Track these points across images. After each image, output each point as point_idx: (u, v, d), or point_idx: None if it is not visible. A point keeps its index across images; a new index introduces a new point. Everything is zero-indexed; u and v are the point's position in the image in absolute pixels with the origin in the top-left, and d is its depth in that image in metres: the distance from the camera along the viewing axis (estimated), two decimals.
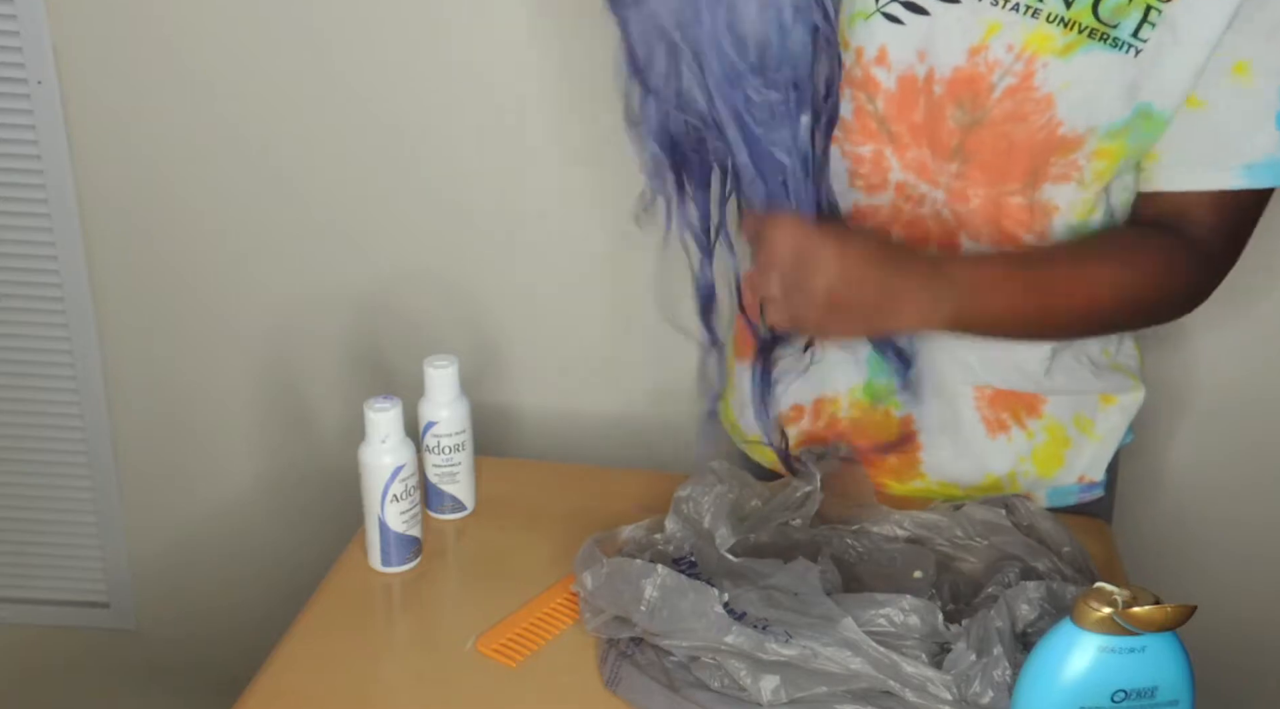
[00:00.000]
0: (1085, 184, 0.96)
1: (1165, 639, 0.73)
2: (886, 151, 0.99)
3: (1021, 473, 1.09)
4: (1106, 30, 0.90)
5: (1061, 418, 1.08)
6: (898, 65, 0.95)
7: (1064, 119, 0.93)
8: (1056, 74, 0.91)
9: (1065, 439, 1.09)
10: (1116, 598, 0.71)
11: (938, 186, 0.99)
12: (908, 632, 0.86)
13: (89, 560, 1.72)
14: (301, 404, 1.59)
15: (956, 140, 0.96)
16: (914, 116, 0.96)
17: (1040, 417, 1.07)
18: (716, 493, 1.02)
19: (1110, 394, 1.09)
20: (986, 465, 1.09)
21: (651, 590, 0.88)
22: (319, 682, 0.91)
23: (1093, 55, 0.90)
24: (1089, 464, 1.10)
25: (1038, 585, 0.87)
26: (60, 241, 1.52)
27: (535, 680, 0.91)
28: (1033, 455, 1.08)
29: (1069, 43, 0.90)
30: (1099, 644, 0.72)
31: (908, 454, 1.09)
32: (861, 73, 0.96)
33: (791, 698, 0.83)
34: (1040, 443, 1.08)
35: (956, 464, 1.09)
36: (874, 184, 1.01)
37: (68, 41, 1.43)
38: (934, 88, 0.94)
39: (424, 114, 1.43)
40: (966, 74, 0.93)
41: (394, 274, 1.51)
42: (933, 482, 1.10)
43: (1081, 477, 1.11)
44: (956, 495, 1.10)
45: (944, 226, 1.00)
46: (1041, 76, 0.91)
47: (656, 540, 1.00)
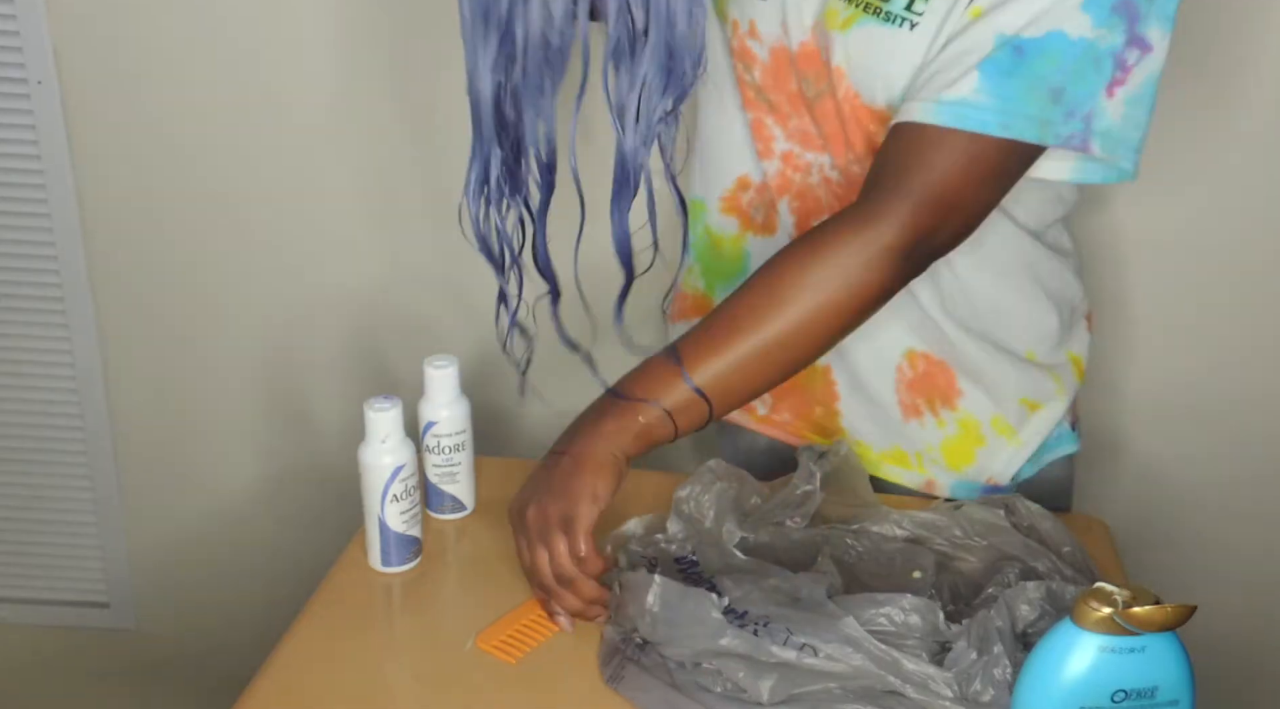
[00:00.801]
0: None
1: (1165, 639, 0.73)
2: (768, 121, 1.03)
3: (929, 458, 1.10)
4: (879, 5, 0.92)
5: (979, 415, 1.08)
6: (767, 38, 0.99)
7: (859, 91, 0.95)
8: (840, 48, 0.94)
9: (979, 437, 1.09)
10: (1116, 598, 0.71)
11: (824, 152, 1.01)
12: (908, 631, 0.86)
13: (89, 560, 1.72)
14: (301, 404, 1.59)
15: (810, 111, 0.99)
16: (790, 85, 1.00)
17: (955, 409, 1.07)
18: (717, 490, 1.02)
19: (1033, 400, 1.09)
20: (896, 437, 1.10)
21: (652, 600, 0.88)
22: (319, 682, 0.91)
23: (867, 29, 0.93)
24: (1000, 468, 1.10)
25: (1037, 585, 0.87)
26: (60, 241, 1.52)
27: (535, 680, 0.91)
28: (941, 445, 1.09)
29: (848, 17, 0.94)
30: (1099, 644, 0.72)
31: (828, 405, 1.11)
32: (739, 44, 1.01)
33: (790, 695, 0.83)
34: (951, 435, 1.08)
35: (870, 425, 1.10)
36: (762, 152, 1.04)
37: (68, 41, 1.43)
38: (793, 60, 0.99)
39: (424, 114, 1.43)
40: (809, 49, 0.97)
41: (394, 274, 1.51)
42: (850, 439, 1.12)
43: (989, 478, 1.10)
44: (870, 458, 1.11)
45: (835, 191, 1.02)
46: (834, 51, 0.95)
47: (658, 540, 1.01)
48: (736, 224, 1.11)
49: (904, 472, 1.11)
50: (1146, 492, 1.52)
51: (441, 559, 1.06)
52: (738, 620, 0.87)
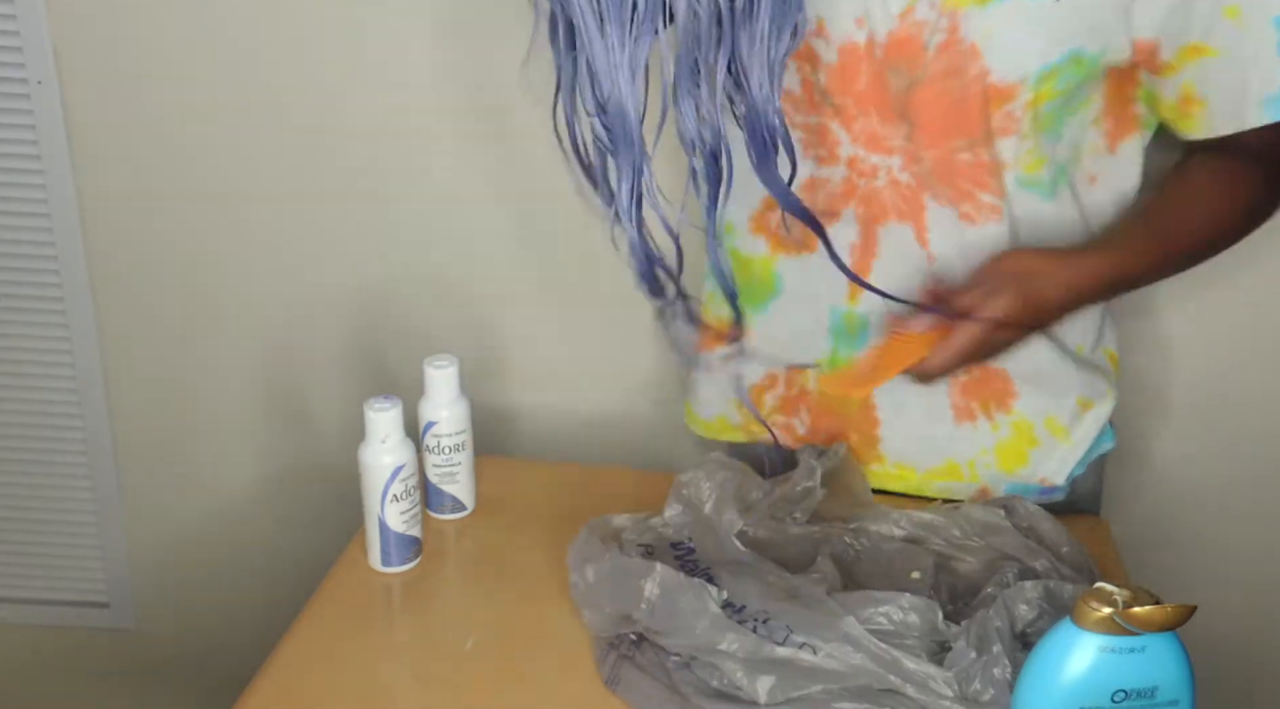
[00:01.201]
0: (1025, 134, 0.97)
1: (1165, 639, 0.73)
2: (832, 125, 1.00)
3: (982, 463, 1.09)
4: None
5: (1031, 416, 1.08)
6: (836, 36, 0.96)
7: (992, 68, 0.94)
8: (977, 24, 0.92)
9: (1033, 439, 1.08)
10: (1116, 598, 0.71)
11: (892, 153, 0.99)
12: (907, 630, 0.86)
13: (89, 560, 1.72)
14: (301, 404, 1.59)
15: (900, 104, 0.97)
16: (858, 85, 0.97)
17: (1009, 412, 1.07)
18: (719, 479, 1.02)
19: (1087, 398, 1.09)
20: (947, 450, 1.09)
21: (651, 588, 0.88)
22: (319, 682, 0.91)
23: (1008, 4, 0.91)
24: (1054, 467, 1.10)
25: (1035, 585, 0.87)
26: (60, 241, 1.52)
27: (535, 680, 0.91)
28: (995, 448, 1.08)
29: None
30: (1099, 644, 0.72)
31: (866, 432, 1.09)
32: (804, 45, 0.97)
33: (788, 697, 0.83)
34: (1005, 438, 1.08)
35: (917, 446, 1.09)
36: (823, 157, 1.02)
37: (68, 41, 1.43)
38: (874, 52, 0.96)
39: (424, 114, 1.43)
40: (900, 37, 0.95)
41: (394, 274, 1.51)
42: (890, 464, 1.11)
43: (1043, 478, 1.10)
44: (912, 480, 1.10)
45: (902, 193, 1.01)
46: (965, 28, 0.93)
47: (655, 524, 1.00)
48: (766, 245, 1.09)
49: (955, 484, 1.10)
50: (1146, 491, 1.52)
51: (441, 559, 1.06)
52: (736, 615, 0.87)
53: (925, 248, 1.01)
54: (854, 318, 1.06)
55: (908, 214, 1.01)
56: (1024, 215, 1.00)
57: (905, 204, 1.01)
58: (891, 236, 1.02)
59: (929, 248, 1.01)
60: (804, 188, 1.03)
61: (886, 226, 1.02)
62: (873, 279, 1.02)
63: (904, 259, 1.02)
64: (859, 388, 1.02)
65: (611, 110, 0.88)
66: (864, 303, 1.04)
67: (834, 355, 1.08)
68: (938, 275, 1.00)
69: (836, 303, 1.06)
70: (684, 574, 0.91)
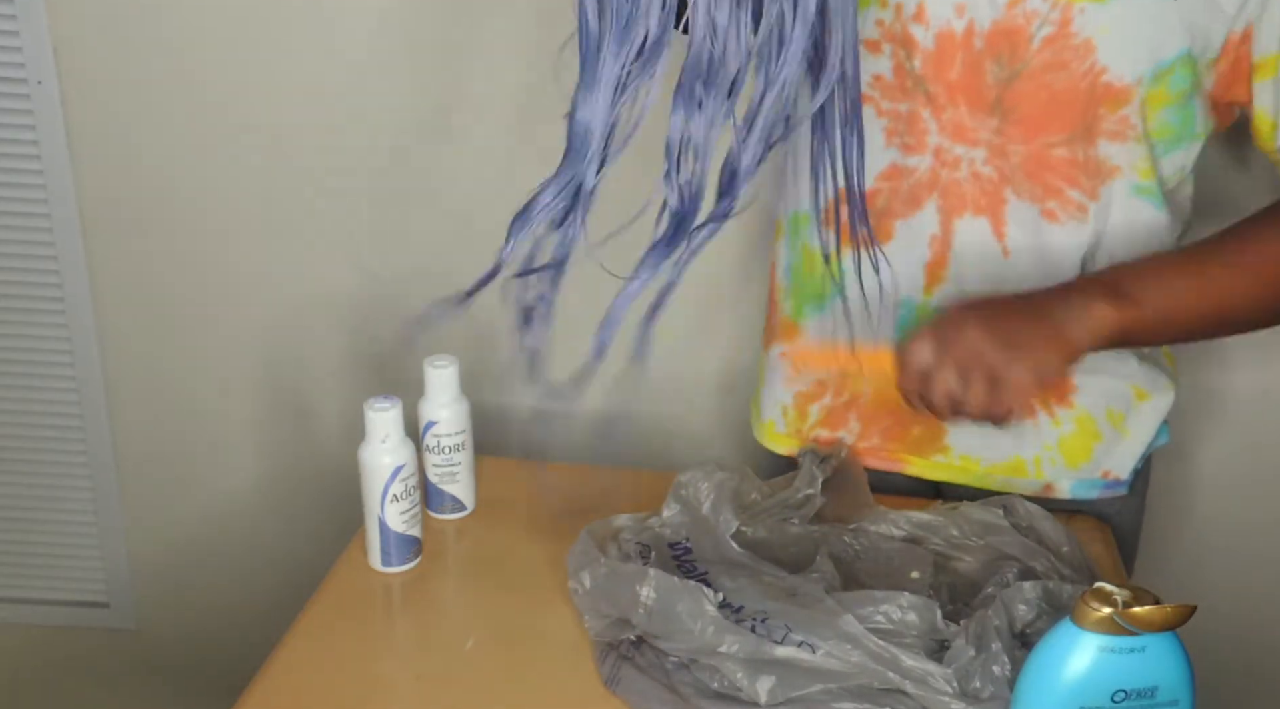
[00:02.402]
0: (1141, 138, 0.96)
1: (1165, 639, 0.73)
2: (924, 113, 0.98)
3: (1047, 460, 1.08)
4: None
5: (1094, 411, 1.07)
6: (935, 21, 0.95)
7: (1107, 65, 0.92)
8: (1094, 19, 0.91)
9: (1095, 433, 1.08)
10: (1116, 598, 0.71)
11: (977, 145, 0.98)
12: (906, 629, 0.86)
13: (89, 560, 1.72)
14: (301, 404, 1.59)
15: (994, 95, 0.95)
16: (950, 74, 0.96)
17: (1071, 407, 1.07)
18: (717, 480, 1.02)
19: (1145, 390, 1.08)
20: (1013, 448, 1.08)
21: (647, 593, 0.88)
22: (319, 682, 0.91)
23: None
24: (1117, 461, 1.10)
25: (1034, 585, 0.87)
26: (60, 241, 1.52)
27: (535, 680, 0.91)
28: (1059, 445, 1.08)
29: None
30: (1099, 644, 0.72)
31: (931, 422, 1.07)
32: (901, 29, 0.96)
33: (788, 697, 0.83)
34: (1068, 433, 1.07)
35: (980, 442, 1.08)
36: (910, 145, 1.00)
37: (68, 41, 1.43)
38: (974, 42, 0.94)
39: (423, 114, 1.43)
40: (1004, 26, 0.93)
41: (394, 274, 1.51)
42: (955, 456, 1.10)
43: (1106, 472, 1.10)
44: (974, 473, 1.10)
45: (982, 187, 0.99)
46: (1079, 22, 0.91)
47: (653, 524, 1.00)
48: (834, 239, 1.06)
49: (1019, 480, 1.09)
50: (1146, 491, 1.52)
51: (441, 559, 1.06)
52: (734, 615, 0.86)
53: (1001, 241, 1.01)
54: (928, 311, 1.04)
55: (985, 207, 1.00)
56: (1123, 222, 0.99)
57: (984, 197, 1.00)
58: (968, 230, 1.01)
59: (1004, 241, 1.01)
60: (887, 176, 1.02)
61: (963, 219, 1.01)
62: (948, 273, 1.02)
63: (980, 254, 1.01)
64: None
65: (577, 119, 0.87)
66: (938, 295, 1.03)
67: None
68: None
69: (911, 295, 1.04)
70: (680, 575, 0.92)
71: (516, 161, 1.44)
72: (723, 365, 1.51)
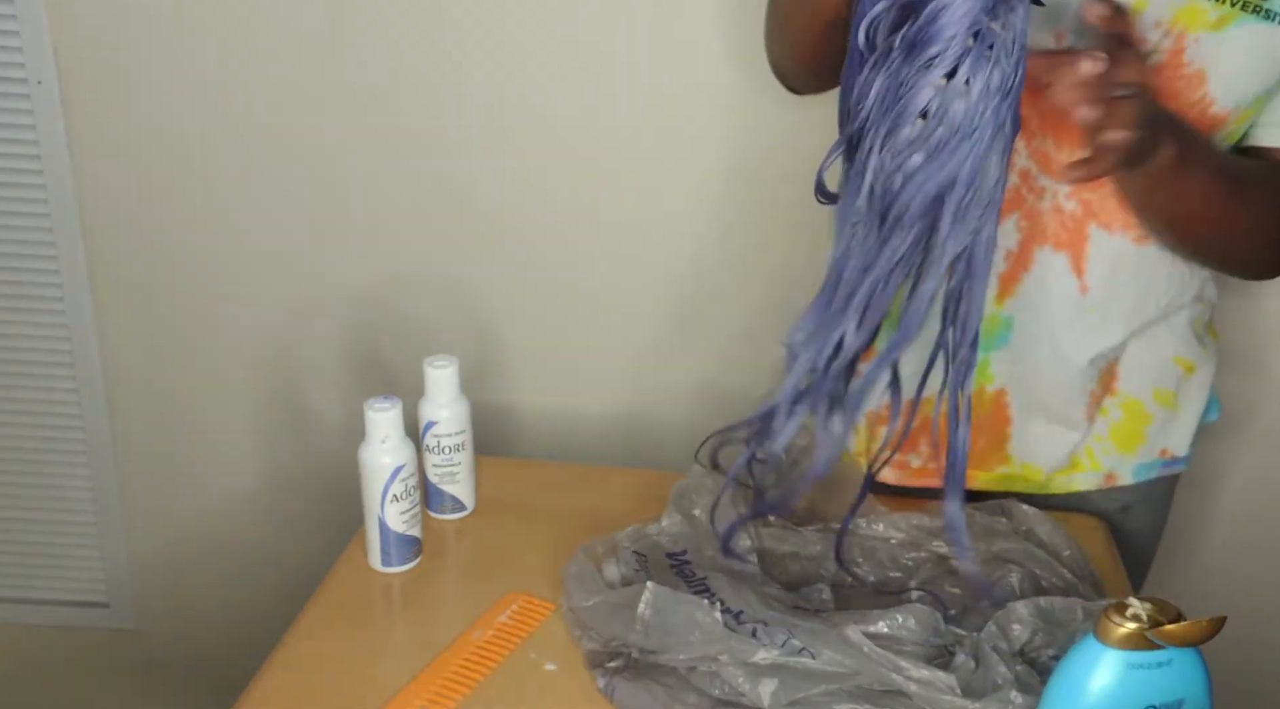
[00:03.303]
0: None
1: (1189, 652, 0.71)
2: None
3: (1101, 451, 1.08)
4: (1259, 3, 0.89)
5: (1139, 394, 1.07)
6: (1035, 48, 0.93)
7: (1216, 97, 0.92)
8: (1208, 49, 0.90)
9: (1145, 415, 1.08)
10: (1140, 613, 0.70)
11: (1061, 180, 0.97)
12: (907, 634, 0.86)
13: (89, 560, 1.72)
14: (301, 404, 1.59)
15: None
16: (1043, 102, 0.93)
17: (1115, 393, 1.06)
18: (717, 490, 1.02)
19: (1191, 362, 1.08)
20: (1070, 444, 1.08)
21: (644, 608, 0.87)
22: (319, 682, 0.91)
23: (1246, 28, 0.89)
24: (1174, 438, 1.10)
25: (1026, 603, 0.87)
26: (60, 241, 1.52)
27: (535, 681, 0.91)
28: (1110, 433, 1.08)
29: (1222, 16, 0.89)
30: (1125, 660, 0.70)
31: (997, 430, 1.07)
32: None
33: (791, 700, 0.83)
34: (1117, 419, 1.07)
35: (1044, 448, 1.08)
36: None
37: (68, 41, 1.43)
38: None
39: (423, 114, 1.43)
40: None
41: (394, 274, 1.51)
42: (1017, 465, 1.09)
43: (1164, 451, 1.10)
44: (1036, 481, 1.09)
45: (1064, 222, 0.99)
46: (1192, 52, 0.90)
47: (651, 533, 1.00)
48: None
49: (1081, 476, 1.09)
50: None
51: (441, 559, 1.06)
52: (734, 621, 0.86)
53: (1080, 278, 1.00)
54: (998, 321, 1.03)
55: (1066, 243, 0.99)
56: None
57: (1065, 232, 0.99)
58: (1047, 262, 1.00)
59: (1084, 278, 1.00)
60: None
61: (1044, 250, 1.00)
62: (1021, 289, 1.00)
63: (1057, 286, 1.00)
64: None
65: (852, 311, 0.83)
66: (1009, 306, 1.02)
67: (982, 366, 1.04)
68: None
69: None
70: (679, 582, 0.91)
71: (516, 161, 1.45)
72: (723, 365, 1.51)
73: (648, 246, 1.47)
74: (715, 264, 1.47)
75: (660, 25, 1.36)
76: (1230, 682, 1.54)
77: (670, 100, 1.40)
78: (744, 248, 1.44)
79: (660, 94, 1.39)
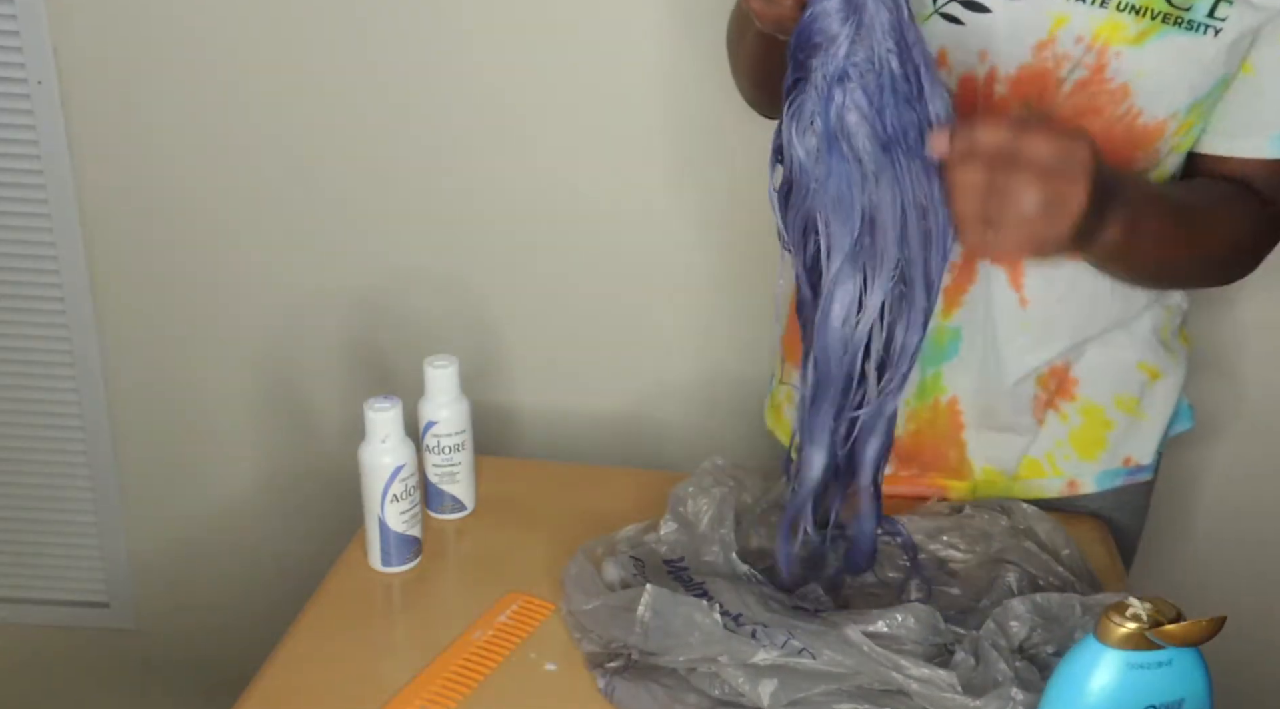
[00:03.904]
0: (1161, 162, 0.96)
1: (1189, 651, 0.71)
2: None
3: (1062, 456, 1.08)
4: (1180, 14, 0.88)
5: (1099, 400, 1.06)
6: (958, 67, 0.93)
7: (1143, 108, 0.91)
8: (1131, 63, 0.89)
9: (1106, 422, 1.07)
10: (1140, 612, 0.70)
11: None
12: (906, 634, 0.86)
13: (89, 560, 1.72)
14: (301, 404, 1.59)
15: None
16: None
17: (1074, 399, 1.06)
18: (715, 495, 1.02)
19: (1157, 369, 1.07)
20: (1026, 448, 1.08)
21: (643, 610, 0.87)
22: (319, 682, 0.91)
23: (1168, 40, 0.88)
24: (1137, 446, 1.09)
25: (1023, 601, 0.87)
26: (60, 241, 1.52)
27: (535, 681, 0.91)
28: (1070, 439, 1.07)
29: (1142, 30, 0.88)
30: (1125, 660, 0.70)
31: (953, 437, 1.07)
32: None
33: (791, 700, 0.83)
34: (1077, 426, 1.07)
35: (999, 453, 1.08)
36: None
37: (68, 41, 1.43)
38: (995, 88, 0.93)
39: (424, 114, 1.43)
40: (1032, 71, 0.91)
41: (394, 274, 1.51)
42: (977, 469, 1.09)
43: (1127, 459, 1.09)
44: (1001, 485, 1.09)
45: None
46: (1115, 67, 0.90)
47: (648, 541, 1.00)
48: None
49: (1043, 482, 1.09)
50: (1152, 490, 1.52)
51: (441, 559, 1.06)
52: (733, 623, 0.86)
53: (1019, 292, 1.00)
54: (946, 332, 1.03)
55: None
56: None
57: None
58: (987, 275, 1.00)
59: (1022, 292, 1.00)
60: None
61: (984, 263, 1.00)
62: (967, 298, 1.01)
63: (999, 300, 1.01)
64: None
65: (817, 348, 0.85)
66: (957, 318, 1.02)
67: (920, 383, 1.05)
68: None
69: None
70: (678, 586, 0.91)
71: (516, 161, 1.45)
72: (723, 366, 1.51)
73: (648, 247, 1.47)
74: (717, 265, 1.47)
75: (669, 28, 1.36)
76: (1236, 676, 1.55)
77: (678, 105, 1.40)
78: (746, 250, 1.45)
79: (669, 98, 1.40)
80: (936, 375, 1.05)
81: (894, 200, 0.80)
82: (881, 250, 0.82)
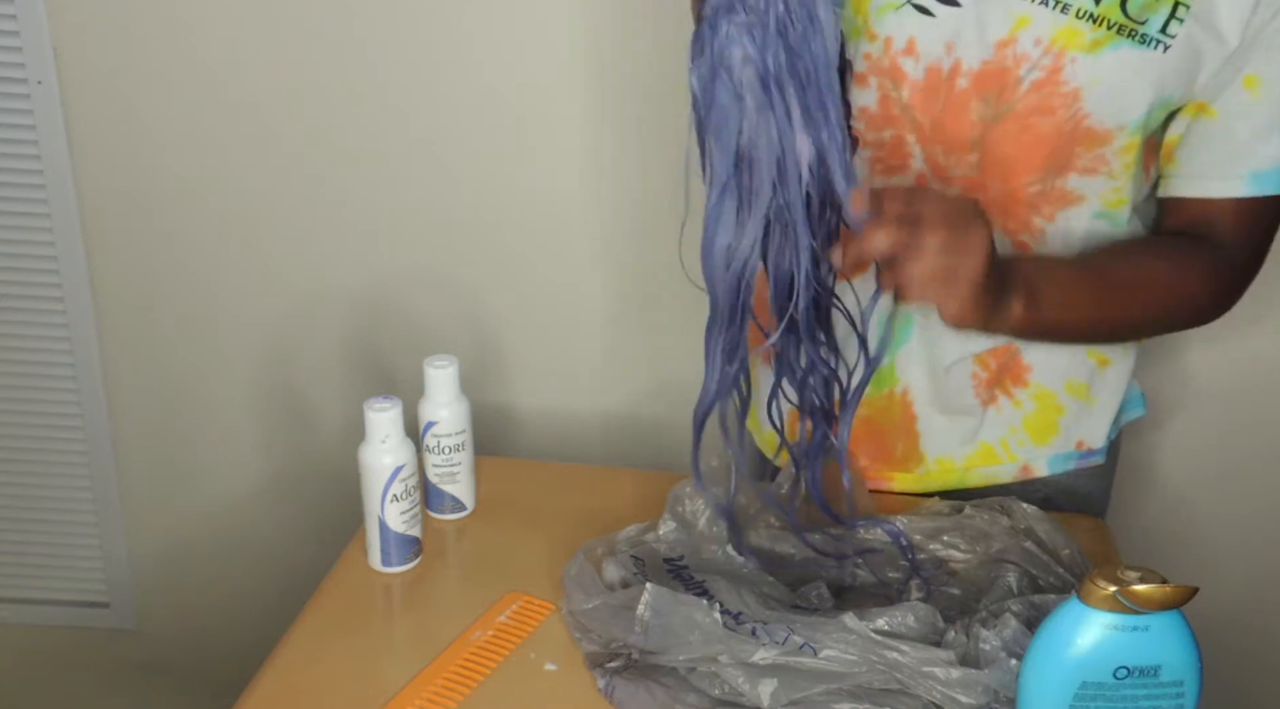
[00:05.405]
0: (1114, 175, 0.97)
1: (1170, 620, 0.74)
2: (910, 138, 0.99)
3: (1016, 442, 1.09)
4: (1135, 27, 0.91)
5: (1050, 385, 1.08)
6: (926, 56, 0.96)
7: (1091, 112, 0.93)
8: (1085, 69, 0.92)
9: (1058, 407, 1.08)
10: (1121, 576, 0.73)
11: (951, 183, 0.99)
12: (906, 632, 0.86)
13: (89, 560, 1.72)
14: (301, 404, 1.59)
15: (977, 133, 0.96)
16: (935, 108, 0.97)
17: (1027, 385, 1.07)
18: (711, 494, 1.02)
19: (1105, 356, 1.09)
20: (979, 434, 1.09)
21: (643, 609, 0.87)
22: (319, 682, 0.91)
23: (1121, 52, 0.91)
24: (1089, 430, 1.10)
25: (1019, 601, 0.87)
26: (60, 241, 1.52)
27: (535, 681, 0.91)
28: (1024, 424, 1.08)
29: (1097, 39, 0.91)
30: (1103, 621, 0.74)
31: (907, 428, 1.09)
32: (889, 62, 0.97)
33: (791, 699, 0.83)
34: (1030, 411, 1.08)
35: (951, 439, 1.09)
36: (895, 167, 1.01)
37: (68, 41, 1.43)
38: (958, 81, 0.95)
39: (424, 114, 1.43)
40: (994, 67, 0.94)
41: (394, 274, 1.51)
42: (931, 462, 1.10)
43: (1079, 443, 1.11)
44: (954, 474, 1.10)
45: None
46: (1070, 71, 0.92)
47: (648, 540, 1.00)
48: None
49: (996, 468, 1.10)
50: (1142, 484, 1.52)
51: (441, 559, 1.06)
52: (734, 622, 0.86)
53: None
54: (902, 318, 1.04)
55: None
56: (1080, 240, 1.01)
57: None
58: None
59: None
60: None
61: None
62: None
63: None
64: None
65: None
66: (913, 306, 1.03)
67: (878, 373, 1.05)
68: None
69: (886, 305, 1.03)
70: (678, 586, 0.91)
71: (517, 162, 1.45)
72: None
73: (649, 247, 1.47)
74: None
75: (669, 28, 1.36)
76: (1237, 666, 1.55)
77: (680, 107, 1.40)
78: None
79: (669, 99, 1.39)
80: (891, 365, 1.06)
81: (770, 140, 0.83)
82: (757, 187, 0.85)
